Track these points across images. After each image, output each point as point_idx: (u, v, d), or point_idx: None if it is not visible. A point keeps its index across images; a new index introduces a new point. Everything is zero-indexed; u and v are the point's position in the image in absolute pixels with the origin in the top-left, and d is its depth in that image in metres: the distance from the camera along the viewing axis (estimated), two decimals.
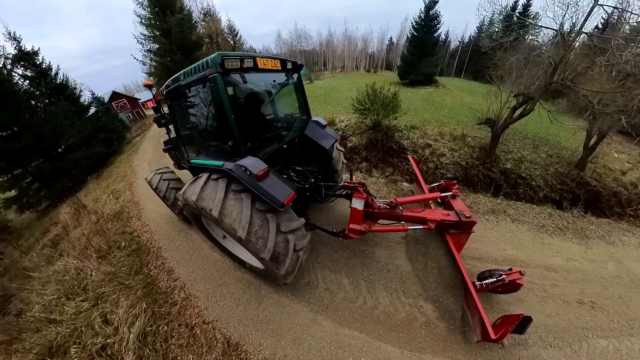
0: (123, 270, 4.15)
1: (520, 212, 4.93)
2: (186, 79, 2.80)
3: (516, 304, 3.01)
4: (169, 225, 5.32)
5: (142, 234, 5.25)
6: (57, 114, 12.69)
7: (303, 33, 66.34)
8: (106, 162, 14.88)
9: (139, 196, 7.44)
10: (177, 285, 3.75)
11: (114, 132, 17.42)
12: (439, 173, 8.16)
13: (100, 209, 7.59)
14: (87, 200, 9.36)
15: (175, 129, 3.69)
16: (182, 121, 3.63)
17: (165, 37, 15.69)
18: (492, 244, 3.96)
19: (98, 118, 16.64)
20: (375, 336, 2.75)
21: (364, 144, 9.00)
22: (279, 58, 3.06)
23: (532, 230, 4.37)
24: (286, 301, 3.21)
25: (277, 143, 3.52)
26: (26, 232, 9.90)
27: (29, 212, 11.96)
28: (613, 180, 7.44)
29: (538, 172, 7.57)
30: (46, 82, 13.99)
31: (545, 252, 3.86)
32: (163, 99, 3.56)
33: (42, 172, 11.78)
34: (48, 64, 14.14)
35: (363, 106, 8.99)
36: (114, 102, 32.77)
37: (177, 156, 4.75)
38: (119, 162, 13.87)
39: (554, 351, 2.56)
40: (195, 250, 4.41)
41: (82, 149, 13.56)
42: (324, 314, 3.00)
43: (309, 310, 3.06)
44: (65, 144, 13.10)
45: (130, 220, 6.05)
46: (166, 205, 4.87)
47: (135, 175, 9.82)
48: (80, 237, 6.05)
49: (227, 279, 3.69)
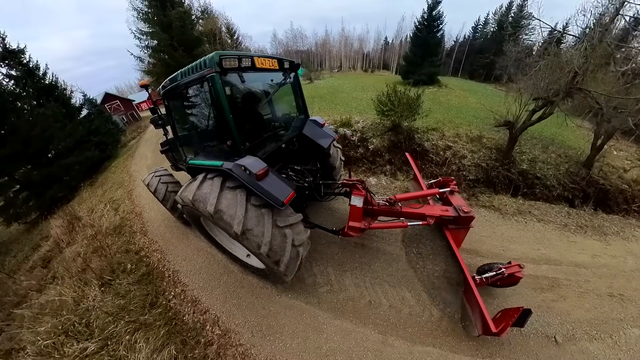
0: (135, 302, 3.46)
1: (543, 212, 5.08)
2: (184, 79, 2.75)
3: (559, 301, 3.12)
4: (182, 241, 4.66)
5: (151, 253, 4.57)
6: (46, 117, 11.75)
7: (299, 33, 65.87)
8: (100, 167, 13.98)
9: (141, 207, 6.74)
10: (209, 318, 3.12)
11: (108, 135, 16.47)
12: (461, 175, 7.99)
13: (97, 222, 6.83)
14: (81, 210, 8.56)
15: (173, 129, 3.62)
16: (179, 122, 3.59)
17: (165, 31, 14.71)
18: (527, 244, 4.07)
19: (90, 120, 15.69)
20: (448, 348, 2.65)
21: (386, 146, 8.56)
22: (276, 57, 3.07)
23: (557, 230, 4.53)
24: (350, 326, 2.87)
25: (276, 142, 3.52)
26: (14, 247, 9.01)
27: (17, 224, 11.00)
28: (617, 178, 7.69)
29: (551, 171, 7.70)
30: (33, 83, 12.99)
31: (573, 250, 4.01)
32: (160, 100, 3.48)
33: (30, 180, 10.84)
34: (35, 63, 13.16)
35: (387, 107, 8.75)
36: (107, 104, 31.51)
37: (174, 157, 4.66)
38: (114, 168, 13.02)
39: (599, 343, 2.70)
40: (222, 272, 3.77)
41: (74, 154, 12.64)
42: (394, 334, 2.80)
43: (377, 333, 2.82)
44: (55, 148, 12.16)
45: (134, 236, 5.35)
46: (165, 209, 4.77)
47: (134, 182, 9.07)
48: (75, 256, 5.33)
49: (273, 308, 3.11)
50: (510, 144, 8.04)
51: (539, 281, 3.35)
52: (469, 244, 3.82)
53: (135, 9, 14.83)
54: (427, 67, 22.20)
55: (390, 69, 65.84)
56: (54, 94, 14.03)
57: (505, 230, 4.40)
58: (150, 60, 15.89)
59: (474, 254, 3.74)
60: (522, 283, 3.08)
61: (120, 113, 32.14)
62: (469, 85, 28.73)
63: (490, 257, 3.70)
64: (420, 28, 23.06)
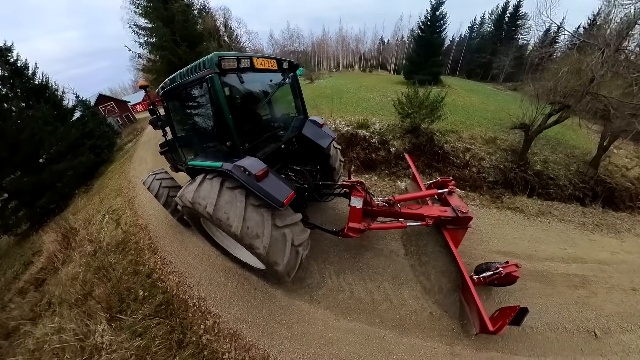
0: (158, 342, 2.83)
1: (561, 212, 5.18)
2: (183, 80, 2.74)
3: (591, 297, 3.20)
4: (202, 262, 4.06)
5: (166, 276, 3.95)
6: (35, 119, 10.92)
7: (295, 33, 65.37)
8: (95, 172, 13.18)
9: (146, 218, 6.10)
10: (256, 356, 2.60)
11: (103, 138, 15.64)
12: (481, 177, 7.95)
13: (95, 236, 6.19)
14: (77, 221, 7.83)
15: (172, 130, 3.63)
16: (178, 123, 3.59)
17: (166, 26, 13.84)
18: (554, 244, 4.15)
19: (84, 123, 14.87)
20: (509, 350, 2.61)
21: (407, 148, 8.21)
22: (275, 58, 3.09)
23: (577, 229, 4.65)
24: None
25: (275, 143, 3.51)
26: (4, 263, 8.21)
27: (6, 236, 10.14)
28: (621, 177, 7.98)
29: (562, 172, 7.95)
30: (22, 83, 12.17)
31: (594, 248, 4.13)
32: (159, 101, 3.46)
33: (19, 188, 10.02)
34: (24, 62, 12.34)
35: (412, 109, 8.61)
36: (101, 106, 30.27)
37: (173, 158, 4.69)
38: (110, 173, 12.26)
39: (631, 334, 2.80)
40: (263, 298, 3.22)
41: (67, 159, 11.83)
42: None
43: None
44: (46, 153, 11.35)
45: (141, 254, 4.73)
46: (169, 213, 4.77)
47: (135, 189, 8.39)
48: (73, 278, 4.70)
49: (332, 334, 2.64)
50: (525, 145, 8.17)
51: (571, 279, 3.46)
52: (504, 247, 3.97)
53: (134, 2, 14.01)
54: (430, 67, 22.00)
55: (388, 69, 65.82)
56: (45, 95, 13.19)
57: (533, 232, 4.45)
58: (151, 56, 15.04)
59: (511, 256, 3.73)
60: (559, 281, 3.37)
61: (115, 115, 30.93)
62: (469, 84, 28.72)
63: (525, 258, 3.74)
64: (423, 28, 22.88)
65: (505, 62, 39.80)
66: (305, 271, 3.49)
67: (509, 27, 43.28)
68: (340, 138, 8.38)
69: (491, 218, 4.76)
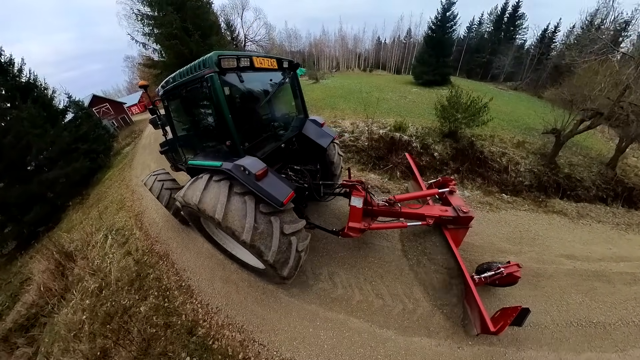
0: None
1: (596, 213, 5.32)
2: (182, 79, 2.73)
3: None
4: (262, 306, 3.10)
5: (220, 332, 2.87)
6: (21, 121, 9.67)
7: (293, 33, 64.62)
8: (91, 180, 11.92)
9: (164, 241, 4.98)
10: None
11: (99, 141, 14.34)
12: (518, 181, 7.95)
13: (98, 264, 5.06)
14: (72, 240, 6.67)
15: (172, 130, 3.64)
16: (178, 122, 3.59)
17: (177, 12, 12.34)
18: (601, 245, 4.24)
19: (77, 125, 13.61)
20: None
21: (449, 153, 7.45)
22: (275, 57, 3.11)
23: (614, 229, 4.78)
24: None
25: (275, 142, 3.53)
26: None
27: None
28: (635, 176, 8.24)
29: (585, 173, 8.14)
30: (6, 81, 10.87)
31: (633, 246, 4.27)
32: (159, 100, 3.50)
33: (4, 200, 8.75)
34: (9, 58, 11.06)
35: (462, 114, 8.40)
36: (95, 108, 28.57)
37: (174, 158, 4.70)
38: (108, 180, 11.05)
39: None
40: None
41: (59, 165, 10.62)
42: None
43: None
44: (35, 160, 10.10)
45: (171, 298, 3.61)
46: (165, 208, 4.76)
47: (140, 202, 7.25)
48: (76, 328, 3.61)
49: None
50: (555, 149, 8.49)
51: (624, 277, 3.54)
52: (565, 250, 4.02)
53: None
54: (441, 68, 21.53)
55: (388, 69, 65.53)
56: (32, 94, 11.88)
57: (581, 234, 4.53)
58: (157, 47, 13.69)
59: (574, 259, 3.83)
60: (616, 279, 3.46)
61: (110, 117, 29.15)
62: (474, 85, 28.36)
63: (584, 260, 3.81)
64: (434, 28, 22.42)
65: (506, 61, 39.90)
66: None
67: (508, 27, 43.64)
68: (379, 141, 7.49)
69: (544, 222, 4.80)
